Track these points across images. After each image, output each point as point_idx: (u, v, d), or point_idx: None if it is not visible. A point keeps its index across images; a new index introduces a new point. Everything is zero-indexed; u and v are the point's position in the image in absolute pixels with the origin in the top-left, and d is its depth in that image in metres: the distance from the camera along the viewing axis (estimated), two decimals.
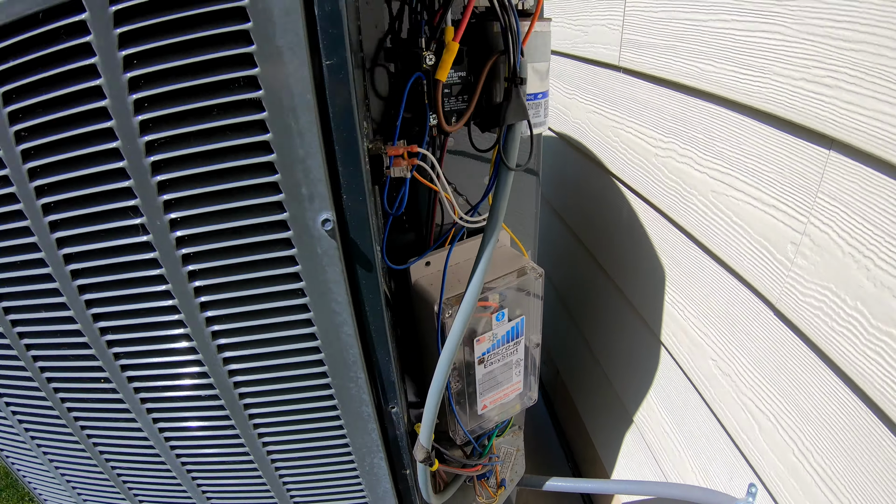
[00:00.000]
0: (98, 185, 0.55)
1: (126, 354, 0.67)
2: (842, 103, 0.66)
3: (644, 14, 1.13)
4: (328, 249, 0.56)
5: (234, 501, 0.84)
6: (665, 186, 1.12)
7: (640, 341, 1.31)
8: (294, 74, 0.49)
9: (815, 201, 0.74)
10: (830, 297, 0.72)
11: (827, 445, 0.76)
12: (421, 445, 0.75)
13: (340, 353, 0.63)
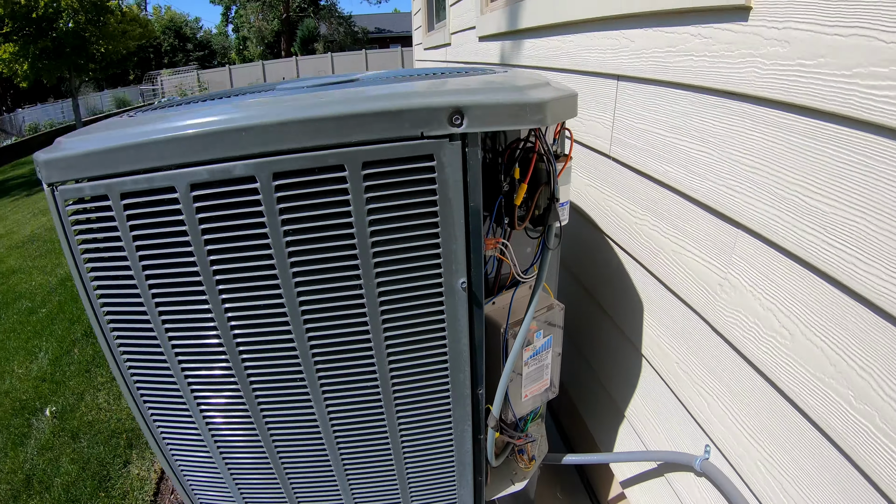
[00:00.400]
0: (334, 256, 1.00)
1: (320, 353, 1.11)
2: (745, 201, 1.15)
3: (628, 122, 1.62)
4: (461, 298, 1.01)
5: (371, 458, 1.28)
6: (641, 245, 1.60)
7: (626, 354, 1.78)
8: (455, 211, 0.96)
9: (730, 260, 1.21)
10: (740, 316, 1.20)
11: (749, 412, 1.23)
12: (493, 416, 1.20)
13: (458, 355, 1.08)
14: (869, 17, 0.84)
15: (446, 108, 0.87)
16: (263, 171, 0.87)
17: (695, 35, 1.26)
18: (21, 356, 4.27)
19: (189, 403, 1.13)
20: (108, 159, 0.89)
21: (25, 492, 2.82)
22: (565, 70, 2.03)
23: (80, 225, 0.97)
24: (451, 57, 4.75)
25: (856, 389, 0.93)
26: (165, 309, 0.99)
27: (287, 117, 0.85)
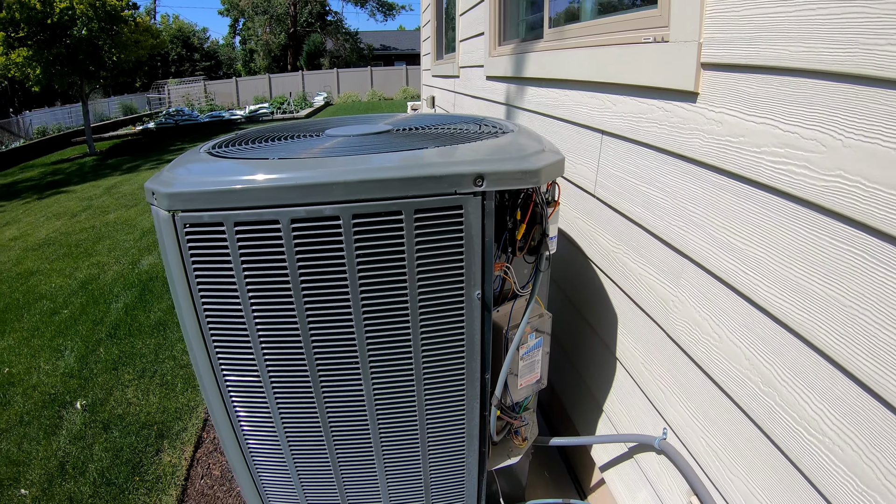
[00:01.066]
0: (390, 274, 1.35)
1: (379, 381, 1.46)
2: (690, 238, 1.51)
3: (609, 169, 2.00)
4: (476, 305, 1.37)
5: (401, 427, 1.63)
6: (616, 268, 1.97)
7: (603, 357, 2.15)
8: (475, 244, 1.32)
9: (679, 281, 1.58)
10: (686, 325, 1.56)
11: (693, 399, 1.59)
12: (496, 396, 1.56)
13: (472, 347, 1.43)
14: (773, 111, 1.21)
15: (472, 175, 1.24)
16: (346, 213, 1.23)
17: (659, 108, 1.64)
18: (46, 354, 4.47)
19: (266, 389, 1.48)
20: (225, 197, 1.25)
21: (60, 476, 3.05)
22: (562, 119, 2.41)
23: (193, 244, 1.32)
24: (459, 88, 5.11)
25: (763, 377, 1.29)
26: (259, 312, 1.34)
27: (365, 177, 1.21)
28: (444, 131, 1.74)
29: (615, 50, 1.88)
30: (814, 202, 1.10)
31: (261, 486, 1.69)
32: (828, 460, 1.11)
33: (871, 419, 1.00)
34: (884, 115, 0.94)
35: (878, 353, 0.98)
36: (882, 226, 0.95)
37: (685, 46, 1.46)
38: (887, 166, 0.94)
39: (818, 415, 1.13)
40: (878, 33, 0.94)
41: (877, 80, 0.95)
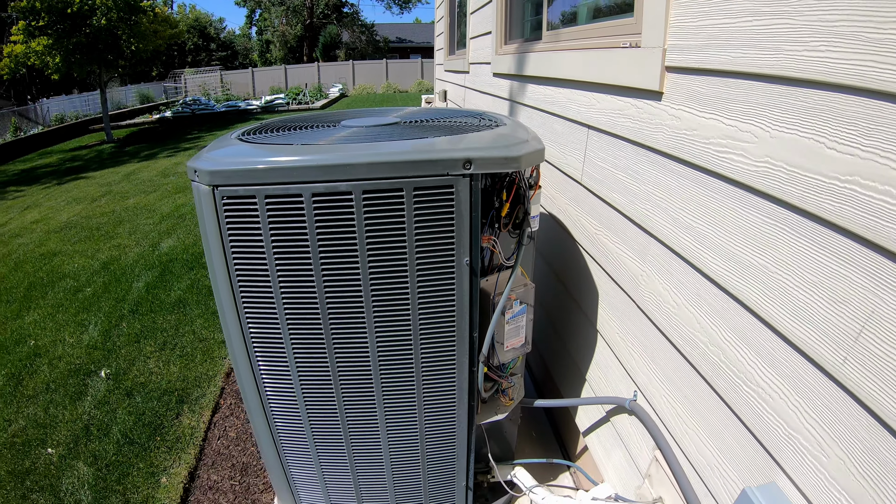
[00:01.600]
0: (393, 241, 1.59)
1: (381, 334, 1.70)
2: (656, 218, 1.74)
3: (593, 160, 2.22)
4: (465, 270, 1.60)
5: (400, 378, 1.86)
6: (597, 249, 2.20)
7: (586, 329, 2.38)
8: (465, 217, 1.55)
9: (646, 258, 1.80)
10: (652, 296, 1.79)
11: (658, 362, 1.82)
12: (483, 353, 1.78)
13: (462, 307, 1.65)
14: (718, 108, 1.43)
15: (461, 160, 1.47)
16: (357, 189, 1.46)
17: (633, 105, 1.86)
18: (71, 328, 4.71)
19: (285, 342, 1.71)
20: (258, 174, 1.48)
21: (85, 437, 3.29)
22: (556, 115, 2.63)
23: (229, 214, 1.56)
24: (469, 83, 5.32)
25: (710, 338, 1.52)
26: (282, 272, 1.58)
27: (374, 160, 1.45)
28: (445, 124, 1.98)
29: (599, 53, 2.10)
30: (748, 184, 1.32)
31: (275, 430, 1.93)
32: (761, 409, 1.33)
33: (794, 369, 1.22)
34: (801, 111, 1.16)
35: (797, 312, 1.20)
36: (799, 202, 1.17)
37: (653, 52, 1.69)
38: (803, 153, 1.16)
39: (753, 368, 1.36)
40: (797, 41, 1.16)
41: (795, 80, 1.17)
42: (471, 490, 2.18)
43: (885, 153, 0.97)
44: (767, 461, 1.31)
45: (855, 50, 1.02)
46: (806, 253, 1.16)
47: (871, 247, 1.00)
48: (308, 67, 32.40)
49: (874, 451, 1.01)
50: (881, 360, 0.99)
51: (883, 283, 0.98)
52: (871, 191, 0.99)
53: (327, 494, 2.13)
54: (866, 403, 1.02)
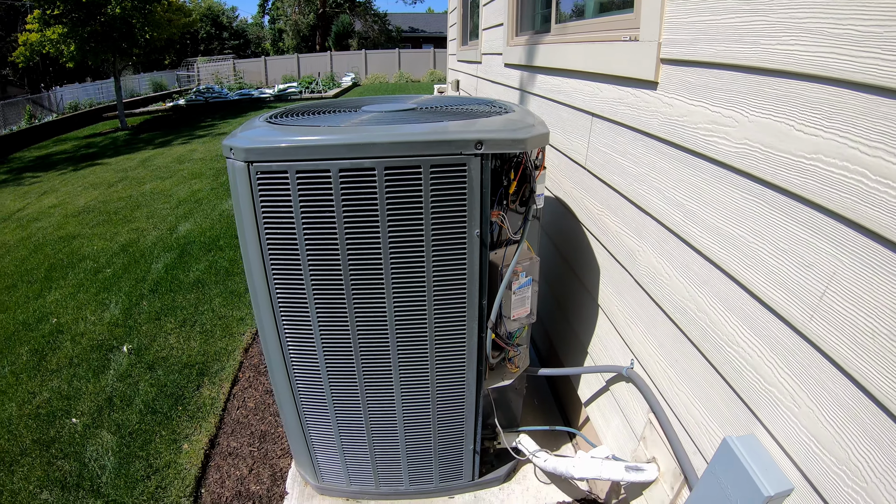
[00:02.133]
0: (411, 213, 1.75)
1: (398, 299, 1.86)
2: (651, 197, 1.90)
3: (596, 145, 2.37)
4: (476, 241, 1.76)
5: (415, 339, 2.02)
6: (599, 228, 2.36)
7: (588, 304, 2.54)
8: (476, 193, 1.71)
9: (642, 234, 1.96)
10: (647, 269, 1.95)
11: (652, 331, 1.97)
12: (490, 319, 1.94)
13: (472, 275, 1.81)
14: (705, 96, 1.58)
15: (473, 141, 1.64)
16: (380, 166, 1.63)
17: (630, 94, 2.01)
18: (92, 306, 4.87)
19: (310, 305, 1.88)
20: (290, 152, 1.65)
21: (108, 407, 3.45)
22: (563, 104, 2.78)
23: (262, 188, 1.72)
24: (481, 73, 5.46)
25: (697, 304, 1.68)
26: (310, 241, 1.74)
27: (395, 140, 1.62)
28: (459, 110, 2.14)
29: (602, 46, 2.25)
30: (729, 164, 1.48)
31: (296, 390, 2.10)
32: (741, 366, 1.48)
33: (769, 328, 1.37)
34: (774, 98, 1.32)
35: (770, 276, 1.35)
36: (771, 178, 1.33)
37: (650, 45, 1.84)
38: (776, 135, 1.31)
39: (734, 330, 1.51)
40: (772, 36, 1.31)
41: (770, 70, 1.33)
42: (477, 454, 2.35)
43: (843, 134, 1.12)
44: (748, 415, 1.46)
45: (818, 43, 1.17)
46: (777, 223, 1.32)
47: (833, 216, 1.16)
48: (320, 56, 32.50)
49: (838, 399, 1.16)
50: (842, 315, 1.14)
51: (842, 248, 1.14)
52: (832, 167, 1.15)
53: (343, 455, 2.30)
54: (830, 355, 1.18)
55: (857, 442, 1.11)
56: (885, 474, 1.04)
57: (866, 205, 1.07)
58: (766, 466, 1.34)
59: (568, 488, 2.54)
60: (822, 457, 1.20)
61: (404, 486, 2.43)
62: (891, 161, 1.02)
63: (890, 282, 1.03)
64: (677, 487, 1.77)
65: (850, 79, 1.10)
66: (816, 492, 1.21)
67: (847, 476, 1.13)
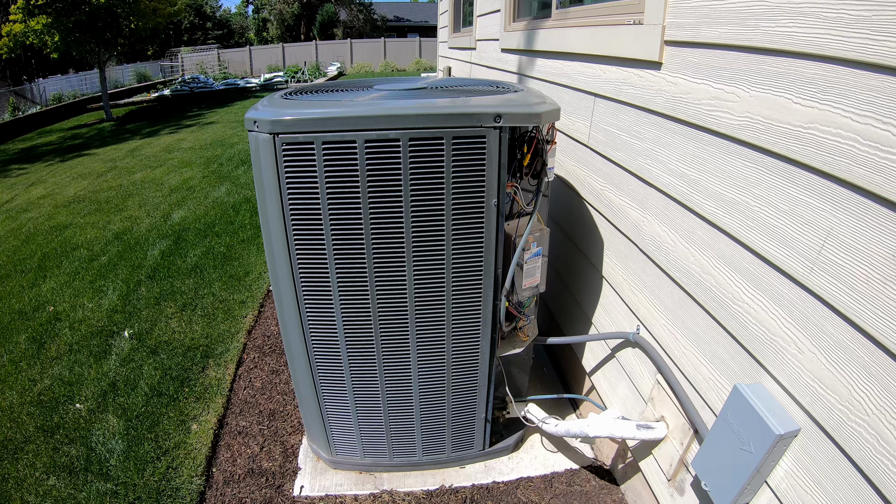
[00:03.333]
0: (433, 182, 1.84)
1: (417, 267, 1.95)
2: (655, 170, 2.00)
3: (599, 124, 2.47)
4: (493, 211, 1.85)
5: (433, 307, 2.11)
6: (602, 202, 2.46)
7: (591, 276, 2.65)
8: (494, 164, 1.81)
9: (646, 206, 2.07)
10: (652, 237, 2.05)
11: (657, 295, 2.08)
12: (505, 287, 2.04)
13: (489, 244, 1.91)
14: (708, 75, 1.69)
15: (492, 114, 1.74)
16: (405, 136, 1.72)
17: (635, 74, 2.11)
18: (89, 294, 4.86)
19: (331, 273, 1.96)
20: (317, 124, 1.72)
21: (112, 392, 3.45)
22: (565, 86, 2.89)
23: (287, 159, 1.79)
24: (475, 60, 5.54)
25: (702, 266, 1.79)
26: (334, 210, 1.83)
27: (419, 112, 1.71)
28: (469, 89, 2.23)
29: (606, 29, 2.35)
30: (732, 135, 1.59)
31: (313, 359, 2.19)
32: (746, 320, 1.60)
33: (772, 283, 1.49)
34: (773, 75, 1.43)
35: (772, 235, 1.47)
36: (772, 147, 1.44)
37: (654, 28, 1.95)
38: (775, 108, 1.43)
39: (739, 288, 1.63)
40: (772, 19, 1.43)
41: (770, 50, 1.44)
42: (489, 423, 2.46)
43: (836, 105, 1.25)
44: (754, 366, 1.58)
45: (815, 25, 1.30)
46: (778, 187, 1.44)
47: (828, 177, 1.28)
48: (306, 46, 32.35)
49: (839, 342, 1.28)
50: (839, 266, 1.27)
51: (838, 205, 1.26)
52: (827, 134, 1.27)
53: (358, 424, 2.39)
54: (829, 302, 1.30)
55: (857, 379, 1.23)
56: (885, 406, 1.16)
57: (858, 166, 1.20)
58: (774, 409, 1.46)
59: (574, 456, 2.65)
60: (826, 396, 1.32)
61: (417, 456, 2.52)
62: (878, 127, 1.15)
63: (881, 233, 1.16)
64: (686, 442, 1.89)
65: (843, 56, 1.23)
66: (822, 430, 1.33)
67: (850, 411, 1.25)
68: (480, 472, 2.60)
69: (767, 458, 1.46)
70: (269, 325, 4.18)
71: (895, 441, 1.14)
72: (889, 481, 1.15)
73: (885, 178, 1.13)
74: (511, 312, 2.18)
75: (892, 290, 1.14)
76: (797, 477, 1.41)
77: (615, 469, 2.51)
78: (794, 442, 1.43)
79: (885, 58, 1.12)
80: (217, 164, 9.35)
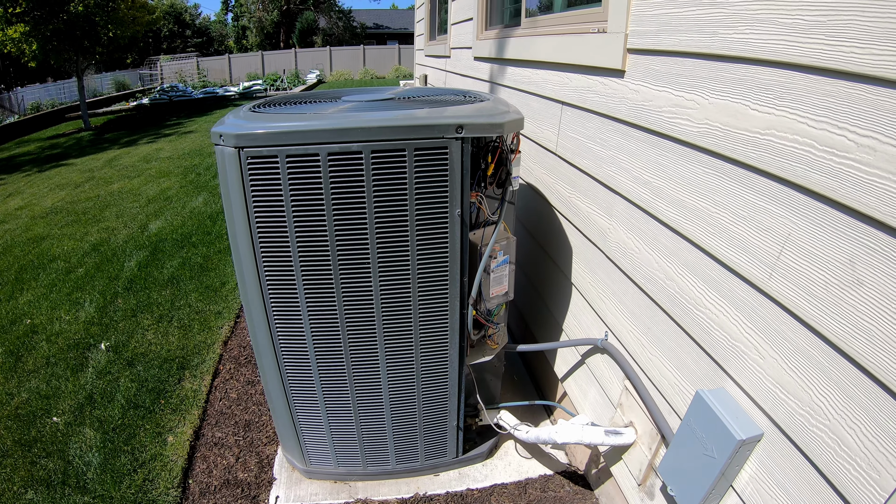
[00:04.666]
0: (395, 193, 1.84)
1: (383, 277, 1.95)
2: (620, 178, 2.02)
3: (566, 132, 2.49)
4: (457, 220, 1.86)
5: (399, 315, 2.11)
6: (570, 210, 2.48)
7: (561, 283, 2.66)
8: (457, 175, 1.81)
9: (612, 213, 2.08)
10: (618, 245, 2.07)
11: (624, 302, 2.10)
12: (472, 296, 2.05)
13: (454, 254, 1.91)
14: (669, 82, 1.71)
15: (454, 125, 1.74)
16: (367, 149, 1.72)
17: (599, 82, 2.13)
18: (66, 306, 4.81)
19: (297, 284, 1.96)
20: (280, 137, 1.72)
21: (89, 404, 3.42)
22: (533, 94, 2.90)
23: (252, 172, 1.79)
24: (449, 67, 5.56)
25: (665, 273, 1.80)
26: (299, 222, 1.83)
27: (381, 125, 1.71)
28: (435, 99, 2.24)
29: (572, 38, 2.37)
30: (692, 142, 1.61)
31: (284, 370, 2.18)
32: (709, 326, 1.62)
33: (732, 289, 1.51)
34: (731, 81, 1.45)
35: (732, 242, 1.49)
36: (730, 154, 1.46)
37: (617, 36, 1.96)
38: (733, 114, 1.44)
39: (701, 294, 1.64)
40: (729, 26, 1.45)
41: (727, 57, 1.46)
42: (461, 430, 2.46)
43: (793, 111, 1.26)
44: (717, 371, 1.59)
45: (772, 32, 1.31)
46: (737, 194, 1.45)
47: (785, 183, 1.29)
48: (285, 54, 32.31)
49: (798, 347, 1.30)
50: (798, 271, 1.28)
51: (795, 211, 1.27)
52: (784, 140, 1.29)
53: (330, 433, 2.39)
54: (789, 308, 1.31)
55: (817, 384, 1.24)
56: (845, 410, 1.18)
57: (815, 172, 1.21)
58: (736, 414, 1.47)
59: (548, 462, 2.66)
60: (787, 401, 1.33)
61: (391, 464, 2.52)
62: (834, 132, 1.16)
63: (838, 238, 1.17)
64: (654, 447, 1.90)
65: (798, 62, 1.24)
66: (785, 434, 1.34)
67: (811, 416, 1.26)
68: (454, 479, 2.60)
69: (731, 463, 1.47)
70: (244, 336, 4.16)
71: (855, 445, 1.15)
72: (850, 484, 1.16)
73: (841, 183, 1.15)
74: (479, 321, 2.18)
75: (850, 296, 1.15)
76: (762, 481, 1.42)
77: (589, 474, 2.51)
78: (758, 446, 1.44)
79: (840, 63, 1.13)
80: (195, 173, 9.30)
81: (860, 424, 1.14)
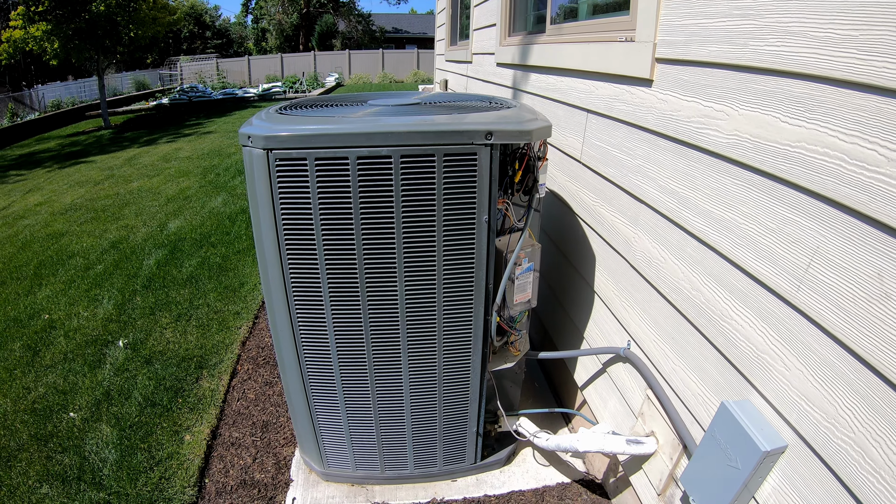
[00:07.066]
0: (425, 198, 1.85)
1: (409, 280, 1.96)
2: (646, 187, 2.02)
3: (591, 140, 2.49)
4: (484, 227, 1.86)
5: (424, 321, 2.12)
6: (594, 218, 2.48)
7: (583, 291, 2.66)
8: (485, 181, 1.82)
9: (637, 222, 2.08)
10: (643, 253, 2.07)
11: (648, 311, 2.09)
12: (496, 303, 2.06)
13: (480, 260, 1.93)
14: (698, 93, 1.71)
15: (484, 131, 1.76)
16: (396, 153, 1.74)
17: (627, 91, 2.13)
18: (84, 302, 4.86)
19: (323, 287, 1.97)
20: (310, 140, 1.74)
21: (106, 401, 3.45)
22: (558, 101, 2.91)
23: (280, 174, 1.81)
24: (471, 73, 5.57)
25: (691, 283, 1.80)
26: (326, 224, 1.85)
27: (411, 129, 1.73)
28: (462, 104, 2.25)
29: (599, 46, 2.38)
30: (721, 153, 1.61)
31: (305, 373, 2.20)
32: (735, 338, 1.61)
33: (760, 301, 1.50)
34: (762, 93, 1.45)
35: (760, 253, 1.49)
36: (760, 165, 1.46)
37: (645, 46, 1.97)
38: (763, 126, 1.44)
39: (727, 305, 1.64)
40: (760, 38, 1.45)
41: (758, 69, 1.46)
42: (480, 436, 2.46)
43: (823, 124, 1.26)
44: (742, 382, 1.59)
45: (803, 45, 1.31)
46: (766, 205, 1.45)
47: (815, 196, 1.29)
48: (304, 56, 32.47)
49: (825, 359, 1.29)
50: (826, 284, 1.27)
51: (825, 224, 1.27)
52: (814, 153, 1.28)
53: (349, 436, 2.39)
54: (816, 321, 1.31)
55: (843, 397, 1.24)
56: (871, 422, 1.17)
57: (845, 185, 1.21)
58: (761, 426, 1.47)
59: (566, 470, 2.66)
60: (812, 413, 1.33)
61: (409, 469, 2.52)
62: (865, 147, 1.16)
63: (867, 251, 1.17)
64: (676, 457, 1.90)
65: (830, 76, 1.24)
66: (809, 446, 1.34)
67: (836, 429, 1.26)
68: (472, 485, 2.60)
69: (754, 475, 1.47)
70: (263, 337, 4.18)
71: (880, 458, 1.15)
72: (874, 496, 1.16)
73: (871, 197, 1.14)
74: (502, 327, 2.19)
75: (878, 309, 1.15)
76: (785, 493, 1.42)
77: (606, 483, 2.51)
78: (782, 458, 1.43)
79: (872, 77, 1.13)
80: (214, 174, 9.37)
81: (885, 437, 1.14)
